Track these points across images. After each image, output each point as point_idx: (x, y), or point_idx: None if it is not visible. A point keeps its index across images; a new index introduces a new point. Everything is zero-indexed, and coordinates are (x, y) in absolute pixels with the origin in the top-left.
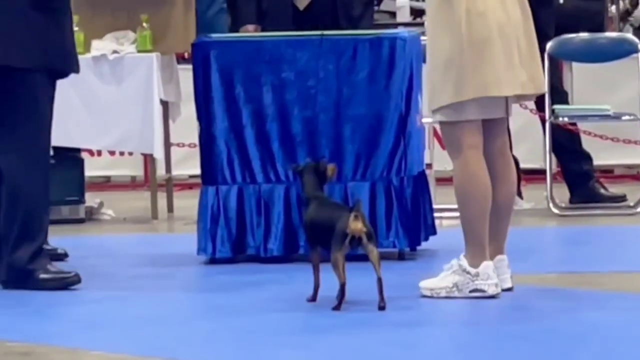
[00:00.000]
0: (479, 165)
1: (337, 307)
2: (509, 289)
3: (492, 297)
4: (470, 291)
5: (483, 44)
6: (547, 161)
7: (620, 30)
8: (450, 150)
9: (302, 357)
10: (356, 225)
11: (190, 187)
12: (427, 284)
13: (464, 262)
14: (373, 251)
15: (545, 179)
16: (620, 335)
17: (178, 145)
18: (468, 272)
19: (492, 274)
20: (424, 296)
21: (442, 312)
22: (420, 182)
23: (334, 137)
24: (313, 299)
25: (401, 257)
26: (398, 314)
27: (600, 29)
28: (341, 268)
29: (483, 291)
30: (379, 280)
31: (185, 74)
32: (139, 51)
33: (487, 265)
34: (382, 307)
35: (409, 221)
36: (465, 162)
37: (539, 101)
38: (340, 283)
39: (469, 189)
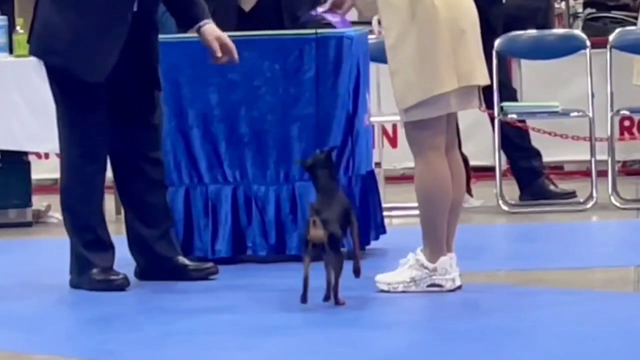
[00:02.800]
0: (442, 165)
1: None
2: (458, 287)
3: (450, 291)
4: (428, 286)
5: (457, 35)
6: (496, 158)
7: (570, 27)
8: (414, 150)
9: (249, 358)
10: (315, 233)
11: None
12: (384, 279)
13: (422, 257)
14: (331, 259)
15: (494, 176)
16: (567, 332)
17: None
18: (426, 267)
19: (450, 269)
20: (381, 290)
21: (393, 310)
22: (369, 181)
23: (282, 137)
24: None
25: (349, 257)
26: (350, 313)
27: (548, 25)
28: (305, 270)
29: (441, 286)
30: (332, 284)
31: None
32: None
33: (444, 261)
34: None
35: (357, 220)
36: (429, 162)
37: (488, 98)
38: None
39: (432, 188)
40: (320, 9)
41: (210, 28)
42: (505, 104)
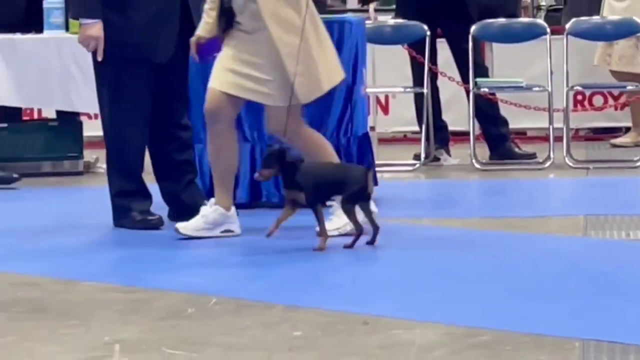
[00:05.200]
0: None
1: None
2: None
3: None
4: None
5: (324, 37)
6: (470, 125)
7: (534, 17)
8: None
9: (263, 284)
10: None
11: None
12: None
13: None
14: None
15: (469, 139)
16: (527, 268)
17: None
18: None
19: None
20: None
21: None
22: (365, 141)
23: None
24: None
25: None
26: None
27: (515, 15)
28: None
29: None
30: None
31: None
32: None
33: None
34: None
35: None
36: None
37: (464, 75)
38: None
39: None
40: None
41: None
42: (478, 79)
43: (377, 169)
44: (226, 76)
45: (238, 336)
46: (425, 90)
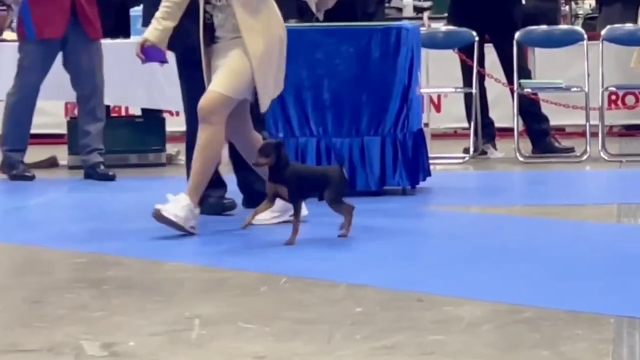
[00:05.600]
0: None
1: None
2: None
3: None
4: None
5: (281, 44)
6: (514, 122)
7: (572, 24)
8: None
9: (328, 267)
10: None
11: None
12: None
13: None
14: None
15: (513, 135)
16: (565, 251)
17: None
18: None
19: None
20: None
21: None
22: (419, 136)
23: (354, 102)
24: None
25: (404, 192)
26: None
27: (556, 22)
28: None
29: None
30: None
31: None
32: None
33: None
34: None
35: (410, 166)
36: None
37: (509, 77)
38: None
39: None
40: None
41: None
42: (522, 81)
43: (430, 161)
44: (222, 79)
45: (305, 311)
46: (473, 91)
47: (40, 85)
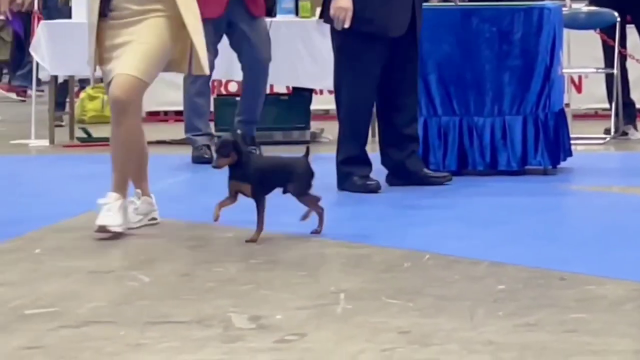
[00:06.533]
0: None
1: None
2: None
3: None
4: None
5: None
6: None
7: None
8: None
9: (466, 245)
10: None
11: None
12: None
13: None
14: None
15: None
16: None
17: None
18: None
19: None
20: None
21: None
22: (561, 116)
23: (496, 81)
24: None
25: (545, 172)
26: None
27: None
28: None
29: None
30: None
31: None
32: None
33: None
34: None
35: (551, 146)
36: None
37: None
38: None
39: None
40: None
41: None
42: None
43: (571, 142)
44: (138, 62)
45: (447, 288)
46: (615, 71)
47: (212, 66)
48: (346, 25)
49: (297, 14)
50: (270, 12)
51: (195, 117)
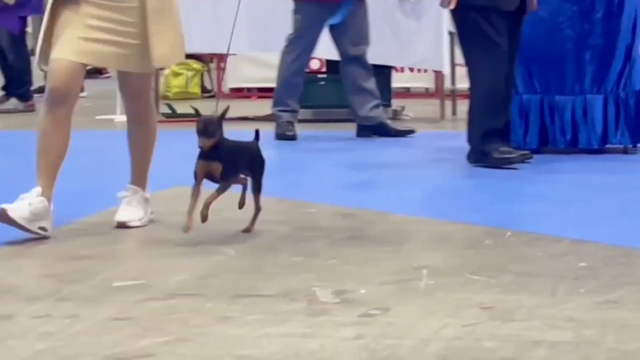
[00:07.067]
0: None
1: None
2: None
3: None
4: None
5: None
6: None
7: None
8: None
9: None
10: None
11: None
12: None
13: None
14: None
15: None
16: None
17: (460, 65)
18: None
19: None
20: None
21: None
22: None
23: (577, 61)
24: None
25: (625, 151)
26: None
27: None
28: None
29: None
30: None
31: None
32: None
33: None
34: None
35: (632, 125)
36: None
37: None
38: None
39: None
40: None
41: None
42: None
43: None
44: (79, 45)
45: (529, 264)
46: None
47: (315, 46)
48: (451, 7)
49: None
50: None
51: (287, 94)
